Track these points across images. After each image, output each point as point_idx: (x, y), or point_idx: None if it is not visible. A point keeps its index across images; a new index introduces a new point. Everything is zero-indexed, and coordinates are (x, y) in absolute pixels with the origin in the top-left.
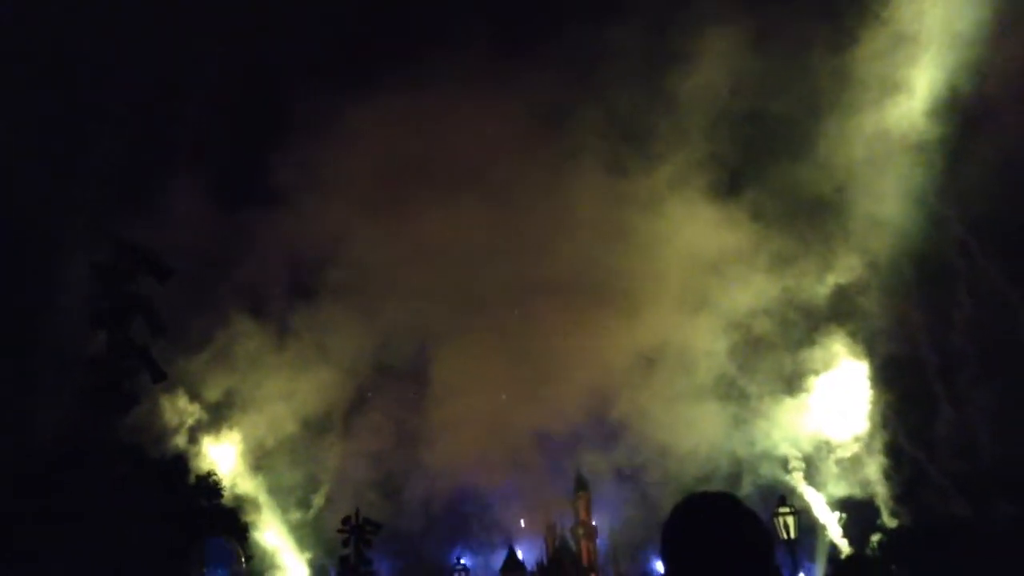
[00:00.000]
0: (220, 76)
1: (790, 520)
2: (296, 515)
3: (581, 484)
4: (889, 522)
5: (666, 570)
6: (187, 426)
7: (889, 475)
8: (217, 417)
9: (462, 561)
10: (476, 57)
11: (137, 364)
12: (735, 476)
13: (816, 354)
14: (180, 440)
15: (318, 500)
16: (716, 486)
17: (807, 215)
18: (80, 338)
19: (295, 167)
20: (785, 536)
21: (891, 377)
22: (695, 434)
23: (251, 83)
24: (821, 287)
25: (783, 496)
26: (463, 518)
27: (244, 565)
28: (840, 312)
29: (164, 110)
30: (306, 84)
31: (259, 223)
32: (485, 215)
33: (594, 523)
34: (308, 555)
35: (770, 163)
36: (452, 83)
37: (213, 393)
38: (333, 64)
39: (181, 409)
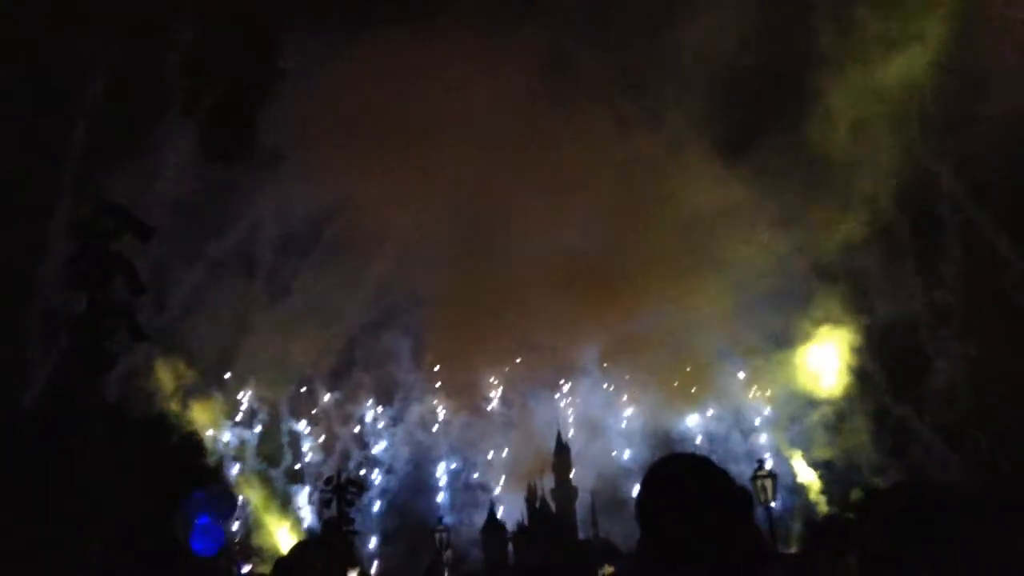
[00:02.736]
0: (208, 21)
1: (768, 483)
2: (282, 474)
3: (562, 446)
4: (875, 482)
5: (642, 531)
6: (172, 385)
7: (875, 433)
8: (203, 376)
9: (444, 521)
10: (477, 3)
11: (118, 324)
12: (720, 436)
13: (808, 312)
14: (164, 399)
15: (305, 458)
16: (700, 446)
17: (812, 171)
18: (65, 299)
19: (287, 118)
20: (763, 499)
21: (880, 334)
22: (681, 392)
23: (241, 28)
24: (822, 244)
25: (761, 460)
26: (447, 478)
27: (234, 514)
28: (834, 269)
29: (151, 59)
30: (299, 29)
31: (250, 177)
32: (483, 169)
33: (574, 484)
34: (292, 515)
35: (777, 118)
36: (451, 31)
37: (199, 351)
38: (327, 8)
39: (165, 368)
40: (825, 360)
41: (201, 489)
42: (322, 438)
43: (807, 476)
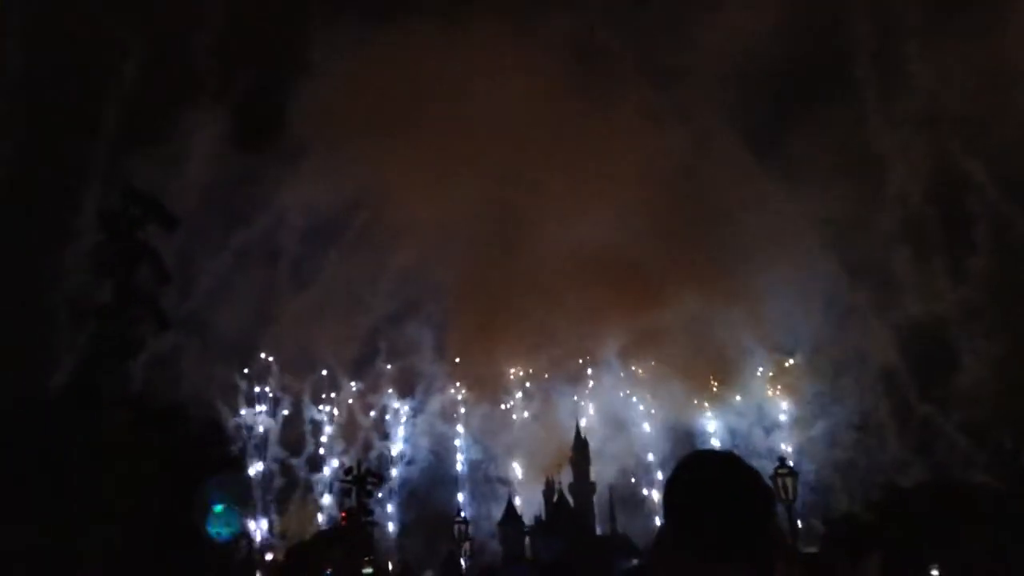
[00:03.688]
0: (237, 9)
1: (789, 481)
2: (303, 463)
3: (580, 440)
4: (898, 481)
5: (668, 525)
6: (196, 373)
7: (899, 431)
8: (226, 364)
9: (463, 513)
10: None
11: (143, 312)
12: (741, 432)
13: (833, 308)
14: (187, 387)
15: (326, 450)
16: (721, 442)
17: (841, 167)
18: (90, 287)
19: (314, 108)
20: (784, 496)
21: (907, 331)
22: (703, 388)
23: (270, 17)
24: (850, 240)
25: (782, 457)
26: (467, 470)
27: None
28: (861, 266)
29: (180, 46)
30: (328, 19)
31: (276, 166)
32: (508, 162)
33: (592, 479)
34: (312, 503)
35: (807, 113)
36: (477, 23)
37: (222, 339)
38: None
39: (189, 356)
40: (848, 357)
41: (219, 477)
42: (342, 424)
43: (828, 474)
